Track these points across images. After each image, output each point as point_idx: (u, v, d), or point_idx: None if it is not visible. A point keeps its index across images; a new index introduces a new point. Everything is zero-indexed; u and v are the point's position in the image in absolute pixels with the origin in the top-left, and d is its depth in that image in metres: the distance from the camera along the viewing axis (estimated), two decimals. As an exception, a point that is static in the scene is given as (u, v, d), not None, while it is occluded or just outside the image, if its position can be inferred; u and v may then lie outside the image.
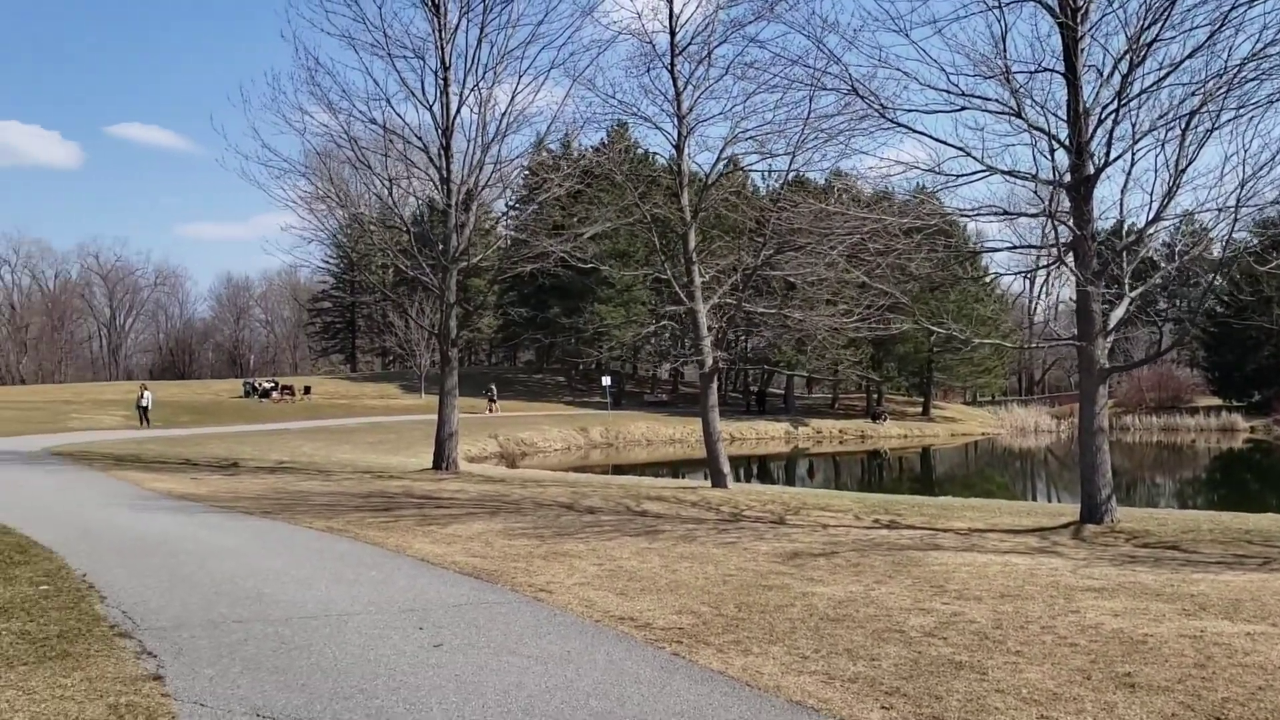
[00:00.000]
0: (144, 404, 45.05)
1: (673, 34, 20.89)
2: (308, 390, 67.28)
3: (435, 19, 23.26)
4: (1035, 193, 14.58)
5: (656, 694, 5.89)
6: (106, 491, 17.92)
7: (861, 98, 14.42)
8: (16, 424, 41.16)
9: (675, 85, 21.00)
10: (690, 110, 21.13)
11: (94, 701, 5.63)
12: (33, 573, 9.34)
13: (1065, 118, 13.64)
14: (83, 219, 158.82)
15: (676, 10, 20.91)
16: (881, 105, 14.25)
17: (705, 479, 27.24)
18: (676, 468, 45.01)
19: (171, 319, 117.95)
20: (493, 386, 63.66)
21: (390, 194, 24.84)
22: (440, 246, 24.89)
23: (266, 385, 66.42)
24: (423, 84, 23.66)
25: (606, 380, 66.19)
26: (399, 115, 24.27)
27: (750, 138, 20.45)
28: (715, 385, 22.24)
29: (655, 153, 37.31)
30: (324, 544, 11.71)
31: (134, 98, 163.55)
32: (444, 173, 23.93)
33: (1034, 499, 35.80)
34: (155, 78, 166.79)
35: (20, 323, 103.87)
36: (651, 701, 5.76)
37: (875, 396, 76.72)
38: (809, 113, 17.85)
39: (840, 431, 68.72)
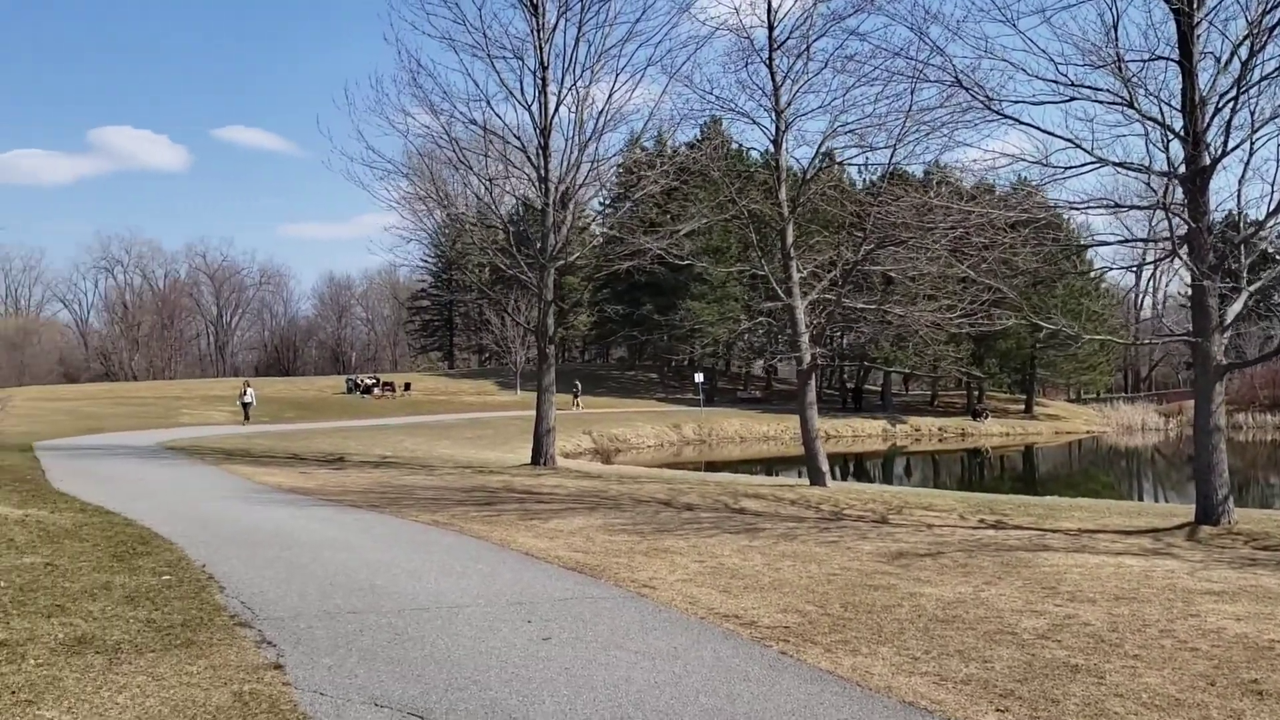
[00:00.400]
0: (246, 400, 46.26)
1: (771, 28, 20.77)
2: (408, 387, 68.51)
3: (534, 19, 23.48)
4: (1148, 184, 14.18)
5: (766, 692, 5.88)
6: (220, 485, 18.48)
7: (966, 89, 14.17)
8: (132, 419, 42.67)
9: (773, 80, 20.87)
10: (789, 105, 20.99)
11: (219, 689, 5.79)
12: (155, 563, 9.65)
13: (1180, 107, 13.22)
14: (191, 220, 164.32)
15: (775, 4, 20.81)
16: (987, 97, 13.99)
17: (800, 477, 27.07)
18: (770, 465, 44.85)
19: (276, 317, 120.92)
20: (577, 383, 64.11)
21: (490, 194, 25.15)
22: (538, 245, 25.13)
23: (368, 382, 67.78)
24: (521, 84, 23.95)
25: (699, 377, 66.18)
26: (498, 116, 24.60)
27: (850, 131, 20.31)
28: (813, 382, 22.06)
29: (751, 148, 37.16)
30: (430, 537, 11.92)
31: (238, 101, 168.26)
32: (542, 171, 24.15)
33: (1141, 499, 34.86)
34: (258, 82, 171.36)
35: (132, 321, 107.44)
36: (762, 700, 5.74)
37: (976, 394, 75.29)
38: (910, 105, 17.64)
39: (939, 429, 67.66)
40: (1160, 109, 13.24)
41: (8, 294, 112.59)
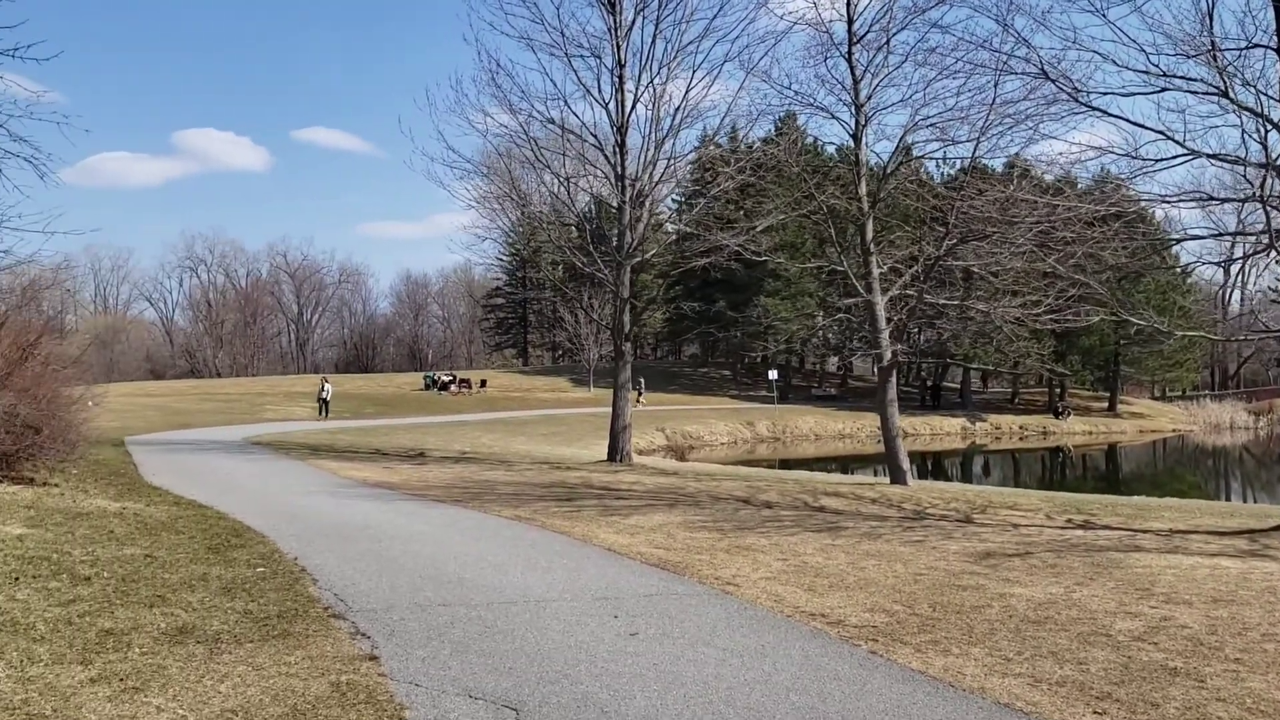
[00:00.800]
0: (324, 396, 46.98)
1: (850, 22, 20.56)
2: (484, 384, 69.22)
3: (611, 17, 23.56)
4: (1244, 176, 13.79)
5: (858, 691, 5.84)
6: (306, 479, 18.84)
7: (1052, 81, 13.92)
8: (219, 415, 43.64)
9: (853, 74, 20.66)
10: (869, 99, 20.77)
11: (317, 679, 5.91)
12: (249, 555, 9.87)
13: (1278, 96, 12.85)
14: (272, 220, 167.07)
15: (854, -3, 20.61)
16: (1074, 88, 13.72)
17: (877, 475, 26.84)
18: (846, 464, 44.53)
19: (355, 315, 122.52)
20: (641, 379, 64.28)
21: (568, 192, 25.28)
22: (614, 242, 25.20)
23: (445, 378, 68.58)
24: (599, 82, 24.04)
25: (773, 374, 65.88)
26: (575, 114, 24.69)
27: (931, 125, 20.00)
28: (894, 379, 21.83)
29: (830, 142, 36.89)
30: (514, 532, 12.04)
31: (317, 104, 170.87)
32: (619, 169, 24.22)
33: (1229, 499, 33.97)
34: (337, 83, 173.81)
35: (216, 319, 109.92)
36: (854, 699, 5.71)
37: (1058, 391, 73.87)
38: (994, 98, 17.35)
39: (1020, 427, 66.56)
40: (1258, 99, 12.86)
41: (97, 293, 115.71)
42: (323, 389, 47.80)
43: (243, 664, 6.20)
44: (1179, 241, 15.24)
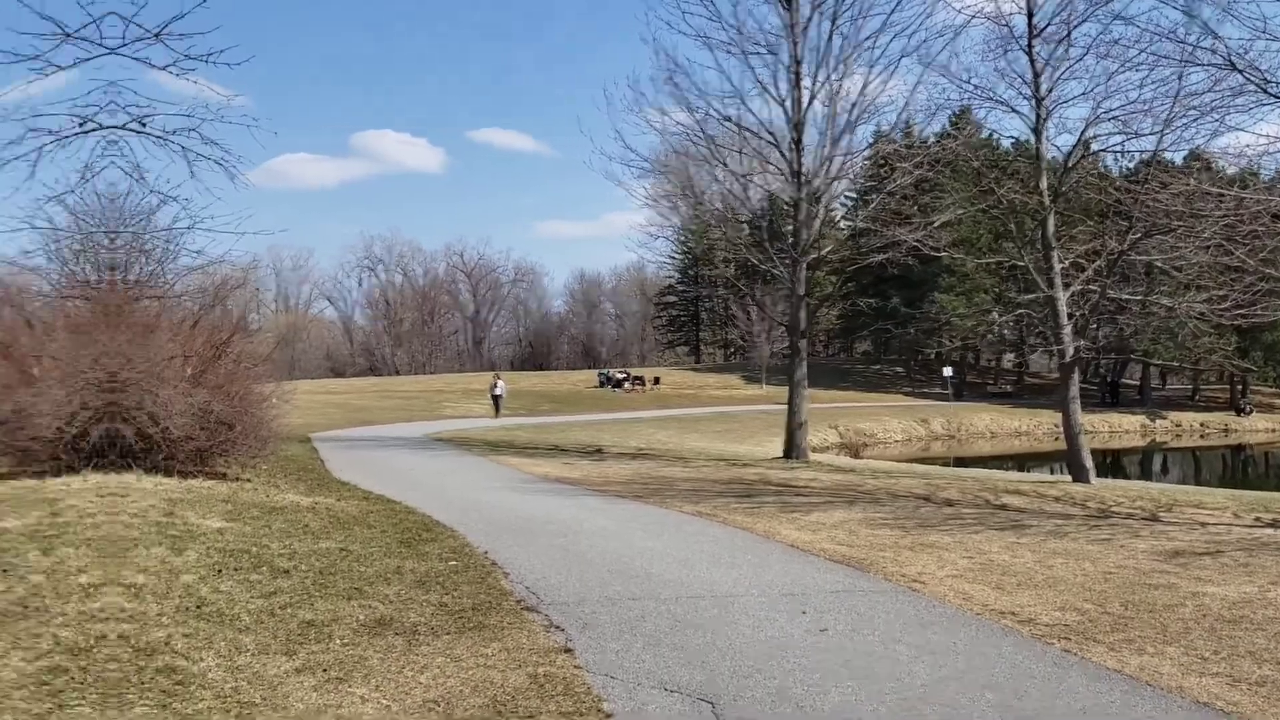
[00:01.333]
0: (498, 393, 47.91)
1: (1030, 15, 20.19)
2: (657, 381, 69.89)
3: (787, 14, 23.58)
4: None
5: (1055, 690, 5.85)
6: (489, 474, 19.45)
7: (1239, 71, 13.43)
8: (400, 412, 45.28)
9: (1033, 68, 20.27)
10: (1049, 92, 20.33)
11: (515, 671, 6.09)
12: (439, 549, 10.13)
13: None
14: (447, 220, 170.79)
15: (1035, -10, 20.18)
16: (1263, 79, 13.19)
17: (1054, 473, 26.08)
18: (1023, 461, 43.44)
19: (530, 313, 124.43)
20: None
21: (745, 190, 25.44)
22: (790, 239, 25.21)
23: (619, 376, 69.50)
24: (775, 79, 24.09)
25: (948, 371, 64.55)
26: (751, 112, 24.75)
27: (1113, 118, 19.44)
28: (1076, 376, 21.24)
29: (1009, 136, 35.97)
30: (696, 527, 12.24)
31: (492, 104, 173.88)
32: (795, 166, 24.21)
33: None
34: (512, 84, 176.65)
35: (395, 318, 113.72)
36: (1051, 698, 5.71)
37: (1239, 388, 70.18)
38: (1179, 90, 16.77)
39: (1201, 425, 63.64)
40: None
41: (279, 292, 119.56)
42: (495, 385, 48.74)
43: (441, 655, 6.38)
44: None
